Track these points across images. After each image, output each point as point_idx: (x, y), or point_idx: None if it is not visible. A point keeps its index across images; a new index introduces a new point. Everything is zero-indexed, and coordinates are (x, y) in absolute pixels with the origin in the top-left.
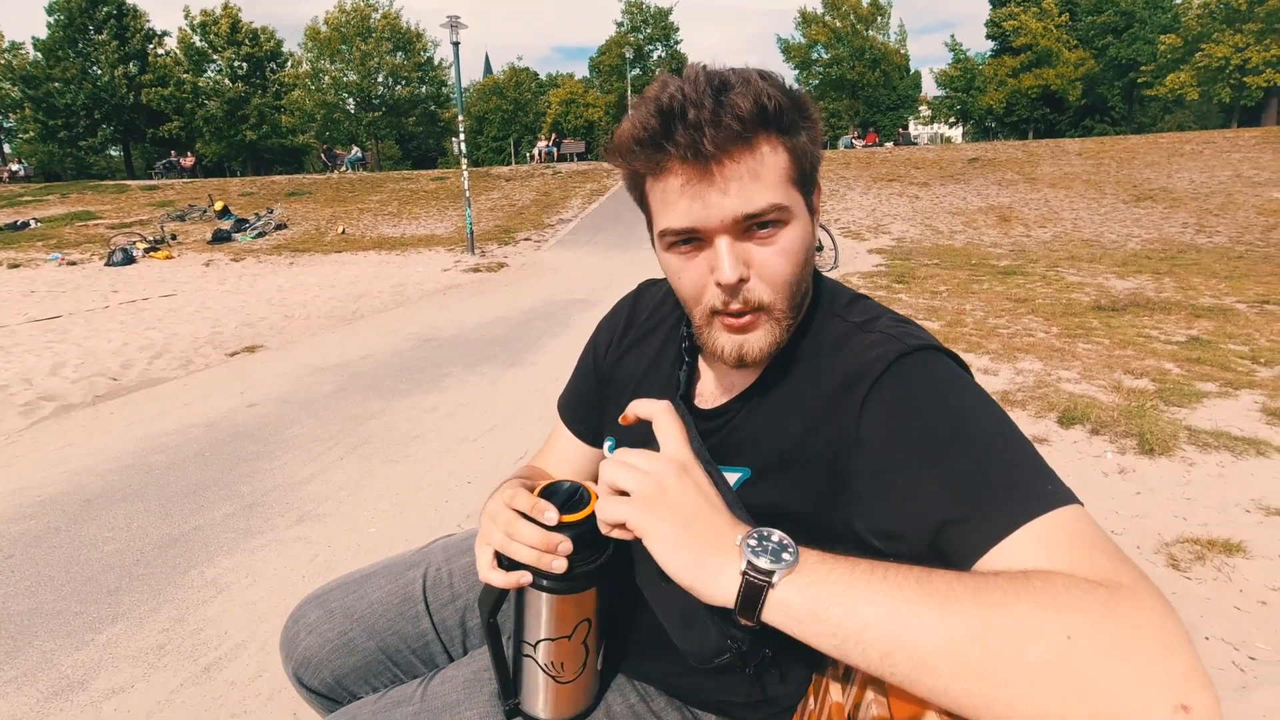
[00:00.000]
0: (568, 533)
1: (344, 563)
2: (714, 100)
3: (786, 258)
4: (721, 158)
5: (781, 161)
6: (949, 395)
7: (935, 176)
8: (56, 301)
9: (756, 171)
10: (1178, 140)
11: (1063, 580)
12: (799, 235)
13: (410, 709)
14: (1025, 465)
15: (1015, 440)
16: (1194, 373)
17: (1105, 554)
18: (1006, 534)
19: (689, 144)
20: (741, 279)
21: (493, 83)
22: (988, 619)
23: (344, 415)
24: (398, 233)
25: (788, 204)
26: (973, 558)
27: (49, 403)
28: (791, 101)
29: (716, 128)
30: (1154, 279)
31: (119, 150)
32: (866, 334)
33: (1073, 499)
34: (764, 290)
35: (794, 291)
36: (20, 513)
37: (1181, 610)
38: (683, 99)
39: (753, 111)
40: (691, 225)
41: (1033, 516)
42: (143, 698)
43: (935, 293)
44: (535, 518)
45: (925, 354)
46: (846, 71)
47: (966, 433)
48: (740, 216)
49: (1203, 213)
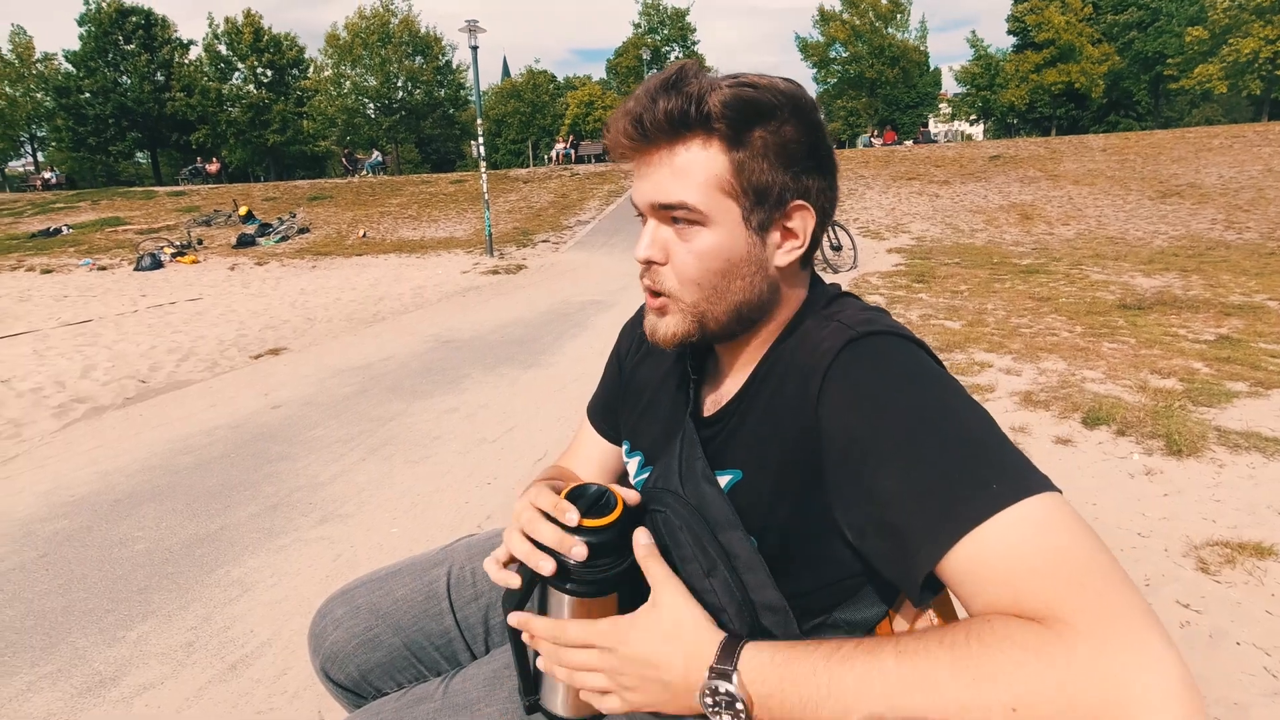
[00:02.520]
0: (590, 537)
1: (366, 562)
2: (661, 90)
3: (696, 259)
4: (654, 145)
5: (713, 166)
6: (898, 383)
7: (955, 174)
8: (87, 306)
9: (680, 166)
10: (1206, 135)
11: (998, 636)
12: (715, 243)
13: (432, 706)
14: (974, 460)
15: (968, 429)
16: (1223, 372)
17: (1044, 574)
18: (949, 545)
19: (630, 127)
20: (653, 261)
21: (511, 86)
22: (931, 708)
23: (365, 416)
24: (417, 235)
25: (704, 209)
26: (921, 571)
27: (81, 405)
28: (743, 114)
29: (650, 114)
30: (1181, 276)
31: (146, 157)
32: (827, 325)
33: (1024, 490)
34: (670, 280)
35: (703, 292)
36: (54, 512)
37: (1210, 615)
38: (646, 85)
39: (683, 107)
40: (634, 201)
41: (976, 523)
42: (172, 694)
43: (956, 292)
44: (556, 517)
45: (874, 339)
46: (865, 69)
47: (917, 427)
48: (655, 204)
49: (1232, 208)
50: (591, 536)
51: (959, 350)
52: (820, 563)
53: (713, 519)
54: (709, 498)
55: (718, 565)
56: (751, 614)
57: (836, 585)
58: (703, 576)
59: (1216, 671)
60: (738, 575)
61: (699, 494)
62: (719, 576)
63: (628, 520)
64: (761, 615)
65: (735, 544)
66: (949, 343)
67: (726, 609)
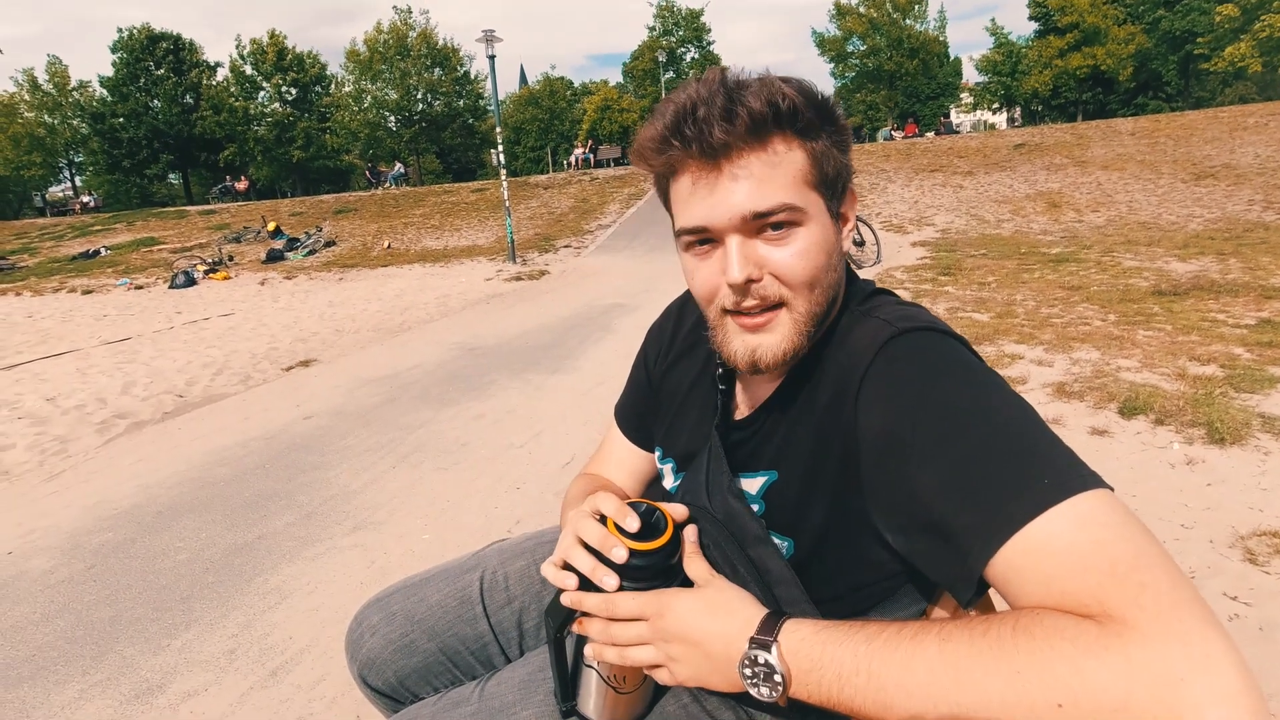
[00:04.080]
0: (641, 560)
1: (399, 569)
2: (725, 97)
3: (802, 259)
4: (730, 154)
5: (797, 162)
6: (940, 380)
7: (979, 165)
8: (126, 324)
9: (768, 169)
10: (1240, 114)
11: (1046, 630)
12: (816, 238)
13: (468, 710)
14: (1021, 456)
15: (1015, 425)
16: (1266, 357)
17: (1097, 570)
18: (1001, 543)
19: (696, 138)
20: (751, 279)
21: (528, 93)
22: (973, 702)
23: (394, 425)
24: (440, 245)
25: (802, 205)
26: (972, 571)
27: (122, 420)
28: (811, 104)
29: (727, 121)
30: (1218, 260)
31: (178, 178)
32: (865, 322)
33: (1076, 486)
34: (780, 287)
35: (813, 294)
36: (99, 525)
37: (1260, 607)
38: (695, 98)
39: (764, 109)
40: (702, 223)
41: (1027, 520)
42: (216, 700)
43: (983, 284)
44: (605, 554)
45: (914, 335)
46: (884, 62)
47: (961, 423)
48: (749, 214)
49: (1270, 188)
50: (645, 560)
51: (988, 342)
52: (855, 566)
53: (741, 533)
54: (737, 512)
55: (749, 582)
56: None
57: (873, 587)
58: None
59: (1269, 664)
60: (770, 591)
61: (727, 508)
62: (751, 593)
63: (677, 539)
64: None
65: (767, 559)
66: (978, 335)
67: None
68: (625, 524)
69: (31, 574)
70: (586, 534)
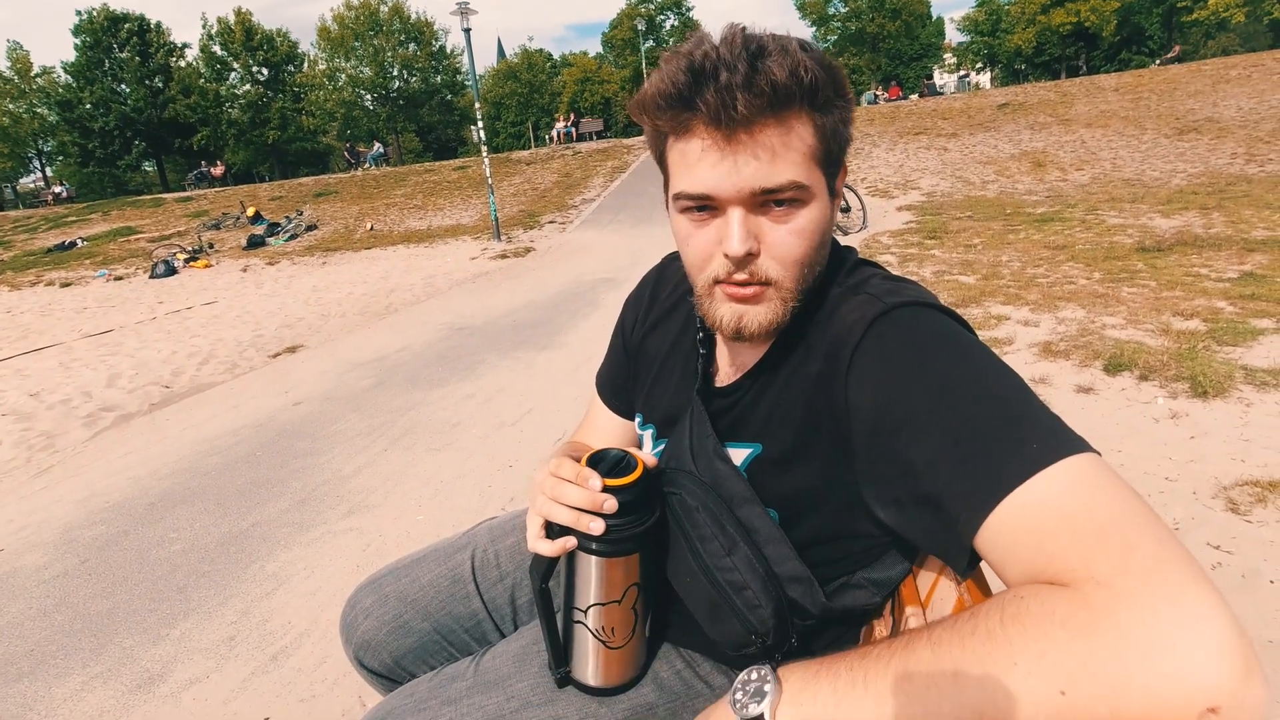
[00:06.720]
0: (615, 496)
1: (395, 550)
2: (749, 65)
3: (800, 238)
4: (750, 126)
5: (809, 139)
6: (930, 355)
7: (964, 126)
8: (107, 316)
9: (782, 145)
10: (1222, 66)
11: (1035, 617)
12: (816, 217)
13: (464, 684)
14: (1009, 424)
15: (1003, 395)
16: (1248, 309)
17: (1084, 532)
18: (990, 508)
19: (718, 106)
20: (750, 253)
21: (507, 67)
22: (975, 702)
23: (385, 408)
24: (424, 225)
25: (808, 184)
26: (963, 538)
27: (109, 413)
28: (829, 77)
29: (749, 93)
30: (1201, 215)
31: (152, 165)
32: (854, 297)
33: (1063, 450)
34: (773, 266)
35: (803, 272)
36: (91, 518)
37: (1242, 555)
38: (716, 59)
39: (788, 82)
40: (707, 192)
41: (1015, 485)
42: (218, 686)
43: (969, 246)
44: (580, 485)
45: (905, 310)
46: (866, 24)
47: (952, 397)
48: (758, 190)
49: (1253, 141)
50: (617, 495)
51: (975, 304)
52: (842, 536)
53: (729, 495)
54: (723, 474)
55: (738, 542)
56: (777, 587)
57: (859, 553)
58: (723, 555)
59: (1251, 612)
60: (759, 550)
61: (712, 471)
62: (740, 554)
63: (647, 480)
64: (787, 587)
65: (754, 519)
66: (964, 298)
67: (750, 585)
68: (589, 485)
69: (25, 570)
70: (563, 470)
